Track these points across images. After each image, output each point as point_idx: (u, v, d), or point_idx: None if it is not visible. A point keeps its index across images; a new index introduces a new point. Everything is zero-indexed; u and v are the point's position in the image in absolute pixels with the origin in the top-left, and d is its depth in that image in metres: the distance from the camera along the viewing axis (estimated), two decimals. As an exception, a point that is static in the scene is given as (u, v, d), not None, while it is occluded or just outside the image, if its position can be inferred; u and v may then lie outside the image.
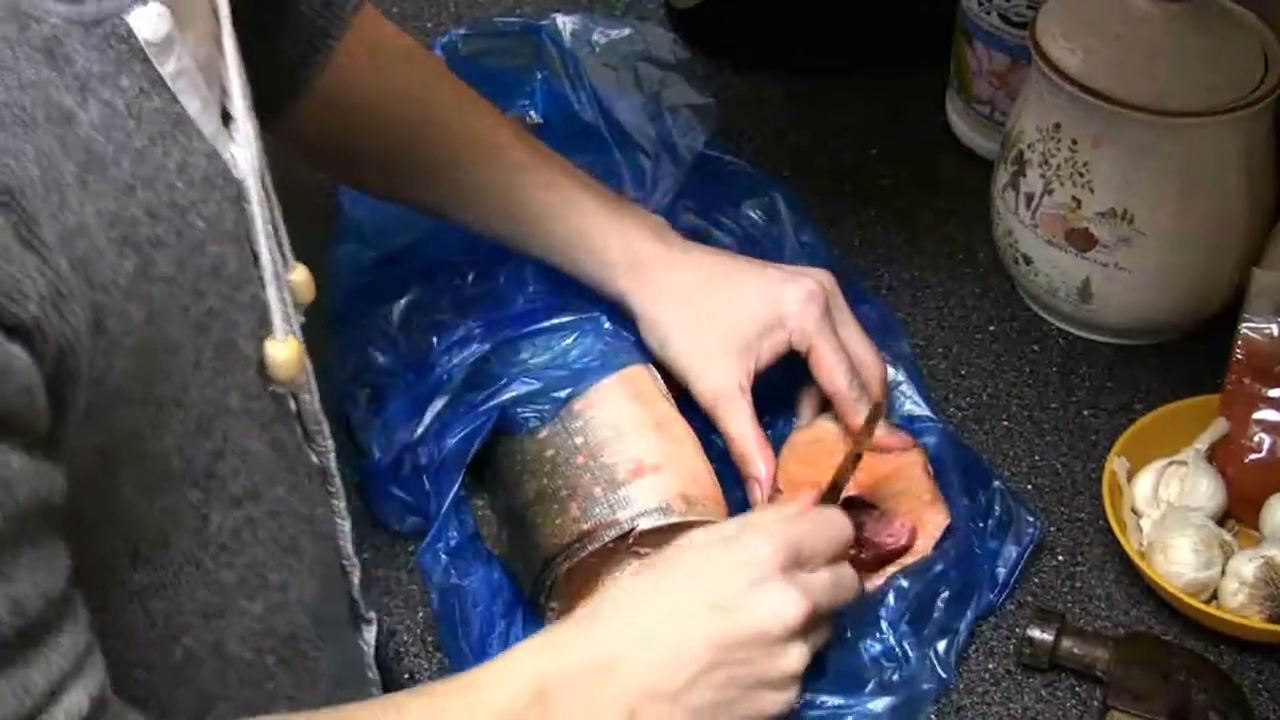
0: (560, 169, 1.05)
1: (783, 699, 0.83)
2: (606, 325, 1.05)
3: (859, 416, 0.99)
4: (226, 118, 0.72)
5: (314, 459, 0.82)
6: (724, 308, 1.01)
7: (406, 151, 1.04)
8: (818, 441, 1.03)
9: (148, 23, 0.65)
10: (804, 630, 0.83)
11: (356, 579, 0.89)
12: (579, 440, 0.99)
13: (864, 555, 0.96)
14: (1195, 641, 0.98)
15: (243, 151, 0.71)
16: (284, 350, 0.74)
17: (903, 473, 1.02)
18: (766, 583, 0.82)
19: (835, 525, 0.88)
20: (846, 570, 0.88)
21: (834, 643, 0.90)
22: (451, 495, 0.99)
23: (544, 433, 1.00)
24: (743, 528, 0.86)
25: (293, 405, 0.79)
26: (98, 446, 0.65)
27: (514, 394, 1.01)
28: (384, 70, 1.04)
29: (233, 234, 0.70)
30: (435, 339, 1.07)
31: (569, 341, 1.04)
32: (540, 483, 0.98)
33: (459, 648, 0.95)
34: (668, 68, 1.26)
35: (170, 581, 0.72)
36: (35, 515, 0.60)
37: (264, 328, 0.73)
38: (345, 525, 0.86)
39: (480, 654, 0.94)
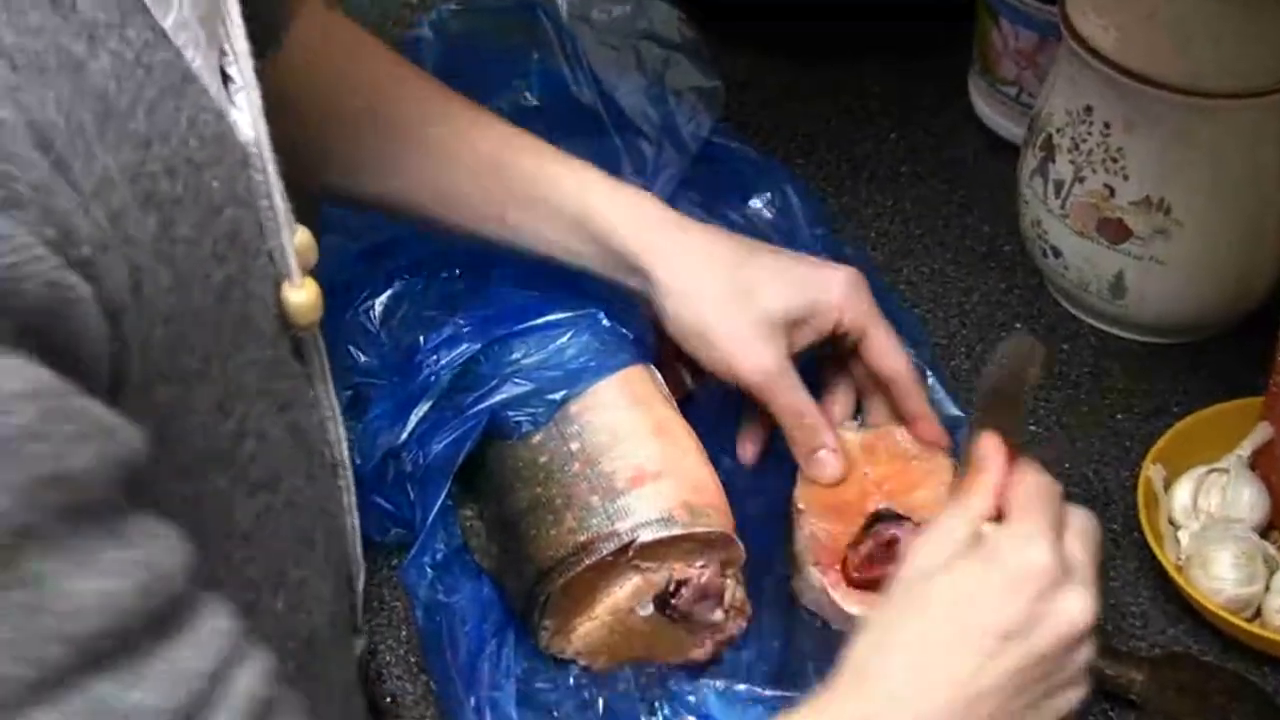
0: (548, 147, 1.04)
1: (1080, 693, 0.82)
2: (604, 322, 1.05)
3: (919, 402, 1.00)
4: (224, 80, 0.73)
5: (326, 450, 0.82)
6: (759, 286, 1.00)
7: (370, 145, 1.04)
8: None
9: None
10: (1093, 612, 0.81)
11: (361, 582, 0.89)
12: (575, 446, 0.99)
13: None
14: (1236, 662, 0.98)
15: (244, 115, 0.72)
16: (302, 293, 0.75)
17: (932, 480, 1.01)
18: (1055, 591, 0.79)
19: (1045, 478, 0.85)
20: (1082, 516, 0.85)
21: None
22: (438, 505, 0.99)
23: (537, 438, 1.00)
24: (996, 539, 0.81)
25: (309, 391, 0.79)
26: (143, 429, 0.65)
27: (505, 396, 1.01)
28: (335, 60, 1.04)
29: (244, 199, 0.71)
30: (421, 337, 1.07)
31: (564, 340, 1.04)
32: (533, 491, 0.98)
33: (445, 669, 0.95)
34: (672, 48, 1.27)
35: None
36: (137, 478, 0.60)
37: (278, 283, 0.75)
38: (354, 521, 0.87)
39: (468, 676, 0.93)
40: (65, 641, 0.56)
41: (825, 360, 1.05)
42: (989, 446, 0.86)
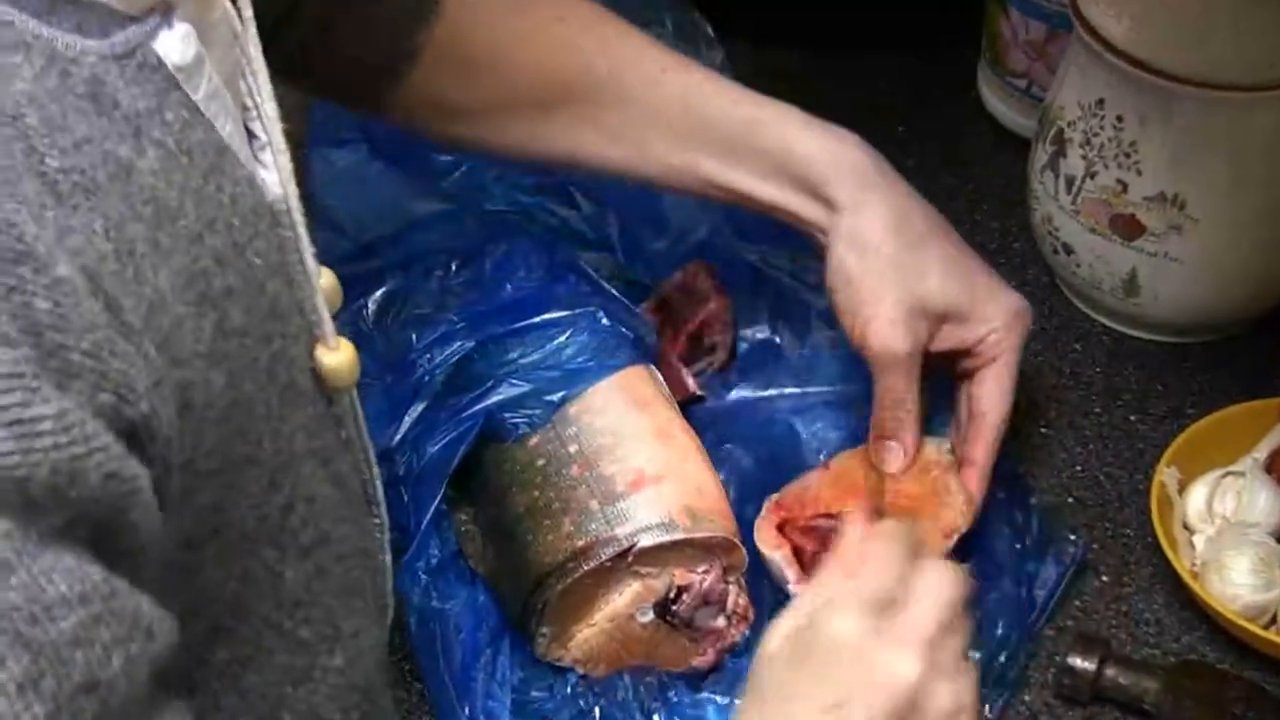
0: (735, 85, 1.04)
1: None
2: (604, 321, 1.05)
3: (985, 452, 1.00)
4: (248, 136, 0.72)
5: (363, 490, 0.82)
6: (932, 267, 1.00)
7: (557, 95, 1.03)
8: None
9: (175, 46, 0.64)
10: (935, 664, 0.78)
11: (389, 617, 0.88)
12: (573, 448, 0.99)
13: None
14: (1253, 671, 0.98)
15: (271, 173, 0.70)
16: (338, 355, 0.73)
17: (924, 475, 1.01)
18: (874, 654, 0.77)
19: (887, 539, 0.83)
20: (934, 575, 0.82)
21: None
22: (432, 509, 0.99)
23: (535, 440, 1.00)
24: (811, 615, 0.80)
25: (345, 432, 0.78)
26: (183, 536, 0.64)
27: (501, 397, 1.01)
28: (507, 13, 1.04)
29: (276, 264, 0.70)
30: (414, 335, 1.07)
31: (562, 339, 1.04)
32: (530, 495, 0.98)
33: (439, 677, 0.95)
34: (672, 37, 1.25)
35: (252, 653, 0.71)
36: (167, 671, 0.59)
37: (311, 339, 0.73)
38: (386, 560, 0.85)
39: (463, 684, 0.93)
40: None
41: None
42: (849, 520, 0.85)
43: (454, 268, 1.11)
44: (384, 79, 1.02)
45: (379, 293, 1.10)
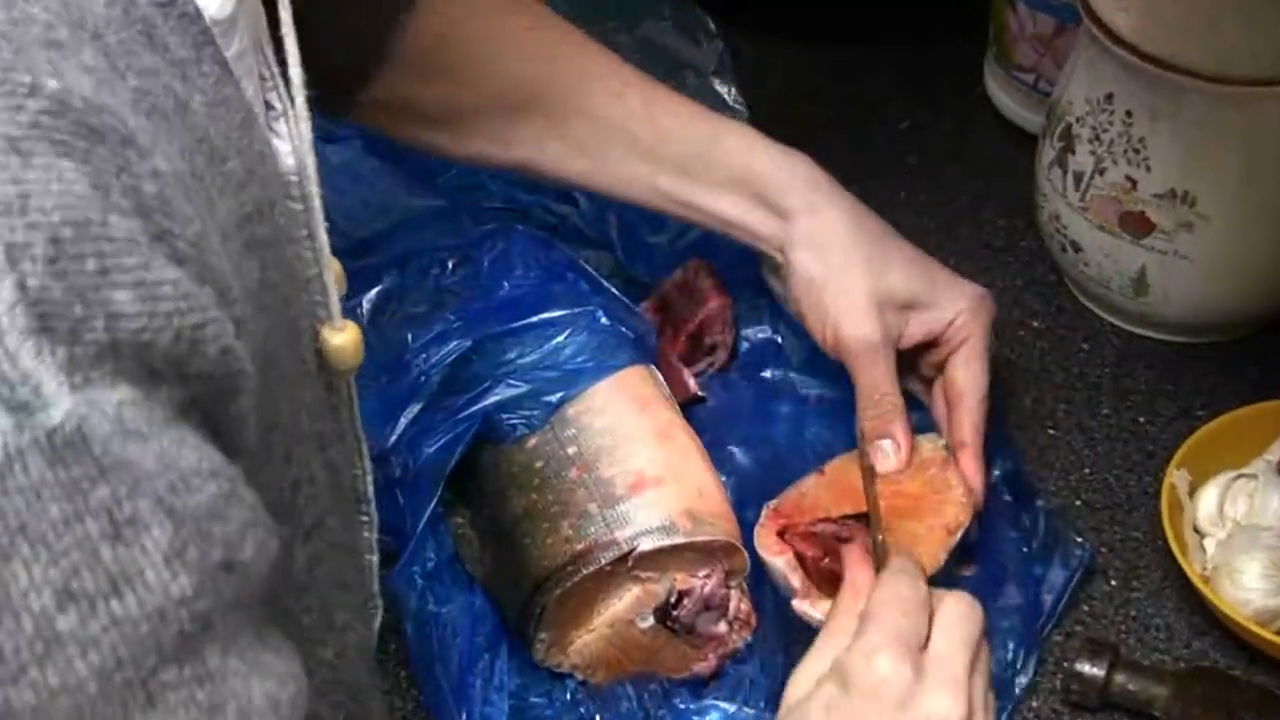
0: (693, 103, 1.07)
1: None
2: (603, 320, 1.05)
3: (973, 431, 1.01)
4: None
5: (354, 485, 0.82)
6: (891, 264, 1.03)
7: (522, 103, 1.06)
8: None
9: (213, 0, 0.65)
10: (971, 701, 0.80)
11: (378, 622, 0.89)
12: (572, 450, 0.99)
13: None
14: (1265, 677, 0.98)
15: (284, 144, 0.71)
16: (344, 335, 0.74)
17: (922, 473, 1.01)
18: (915, 696, 0.79)
19: (906, 576, 0.85)
20: (955, 610, 0.84)
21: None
22: (428, 512, 0.99)
23: (533, 442, 1.00)
24: (842, 661, 0.81)
25: (340, 423, 0.79)
26: None
27: (499, 398, 1.01)
28: (480, 19, 1.06)
29: (291, 234, 0.70)
30: (410, 335, 1.07)
31: (561, 338, 1.04)
32: (528, 498, 0.98)
33: (435, 684, 0.95)
34: (672, 31, 1.25)
35: None
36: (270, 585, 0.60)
37: (316, 319, 0.74)
38: (373, 560, 0.86)
39: (460, 691, 0.93)
40: None
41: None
42: (852, 559, 0.88)
43: (450, 266, 1.11)
44: (352, 79, 1.02)
45: (374, 291, 1.10)
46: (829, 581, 0.94)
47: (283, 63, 0.71)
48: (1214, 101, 1.06)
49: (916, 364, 1.06)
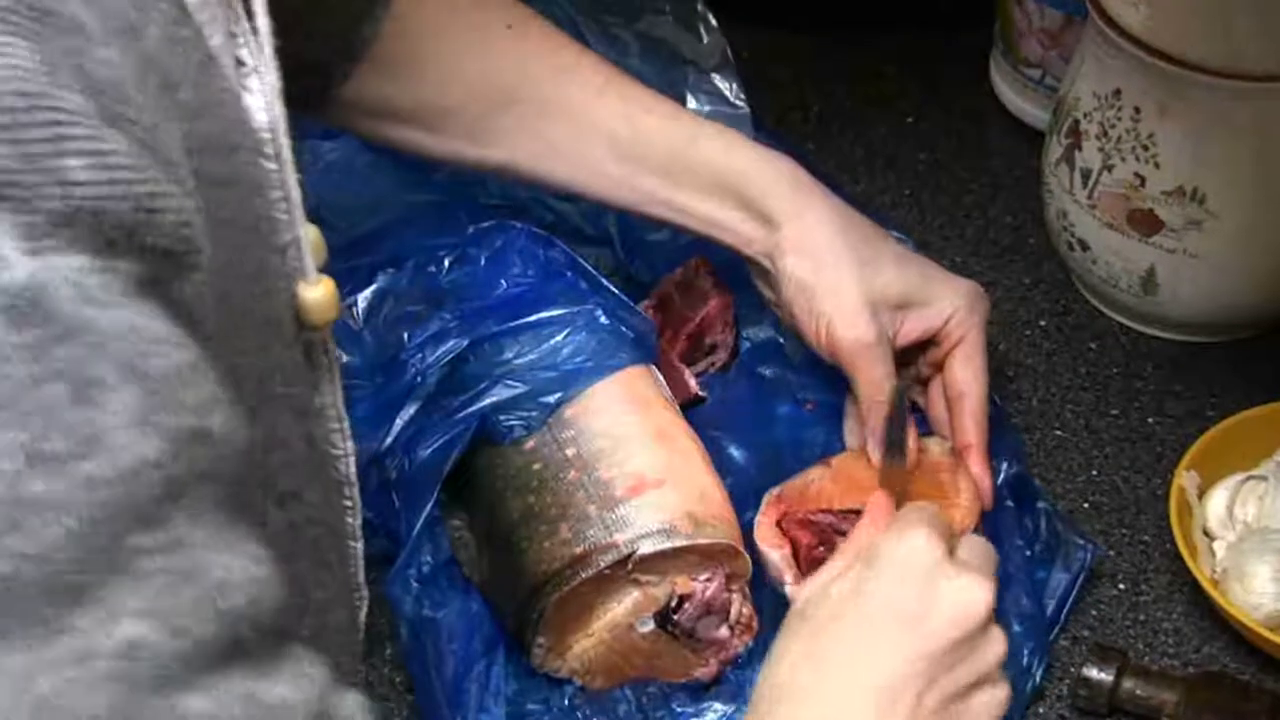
0: (673, 103, 1.07)
1: (1002, 694, 0.82)
2: (603, 320, 1.05)
3: (977, 430, 1.01)
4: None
5: (335, 465, 0.83)
6: (882, 263, 1.02)
7: (499, 102, 1.06)
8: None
9: None
10: (994, 613, 0.82)
11: (363, 613, 0.89)
12: (570, 452, 0.99)
13: None
14: (1276, 682, 0.98)
15: (257, 99, 0.71)
16: (319, 289, 0.74)
17: (931, 475, 1.01)
18: (942, 577, 0.81)
19: (931, 510, 0.87)
20: (978, 539, 0.88)
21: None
22: (424, 515, 0.99)
23: (530, 443, 1.00)
24: (871, 552, 0.83)
25: (319, 397, 0.80)
26: None
27: (496, 399, 1.01)
28: (455, 16, 1.06)
29: (260, 189, 0.71)
30: (405, 334, 1.06)
31: (559, 338, 1.04)
32: (526, 501, 0.98)
33: (430, 690, 0.94)
34: (671, 23, 1.25)
35: None
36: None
37: (292, 280, 0.74)
38: (359, 548, 0.86)
39: (455, 697, 0.93)
40: (216, 619, 0.55)
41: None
42: (875, 500, 0.89)
43: (447, 264, 1.10)
44: (326, 77, 1.02)
45: (369, 290, 1.10)
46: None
47: (251, 16, 0.71)
48: (1224, 96, 1.06)
49: (910, 366, 1.06)
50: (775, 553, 0.97)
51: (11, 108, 0.52)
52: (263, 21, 0.71)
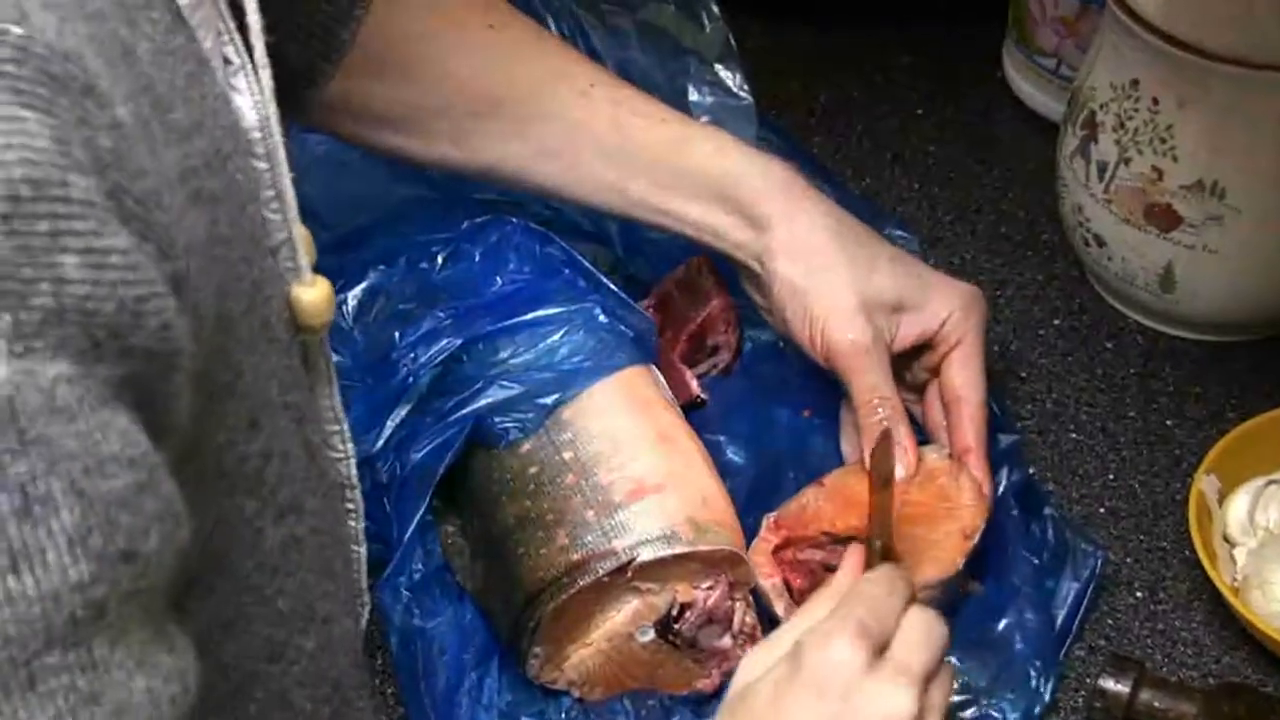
0: (661, 104, 1.08)
1: None
2: (601, 318, 1.05)
3: (976, 435, 1.01)
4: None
5: (335, 469, 0.83)
6: (876, 265, 1.03)
7: (485, 104, 1.06)
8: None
9: None
10: (926, 706, 0.82)
11: (365, 618, 0.90)
12: (568, 455, 0.99)
13: None
14: (1299, 694, 0.98)
15: (245, 99, 0.72)
16: (314, 290, 0.76)
17: (930, 483, 1.00)
18: (863, 685, 0.81)
19: (888, 582, 0.87)
20: (922, 619, 0.86)
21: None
22: (416, 520, 0.99)
23: (526, 446, 1.00)
24: (799, 641, 0.83)
25: (319, 399, 0.81)
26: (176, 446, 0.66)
27: (491, 400, 1.01)
28: (438, 16, 1.06)
29: (254, 193, 0.72)
30: (397, 333, 1.07)
31: (556, 337, 1.04)
32: (522, 505, 0.98)
33: (420, 702, 0.95)
34: (673, 14, 1.26)
35: (233, 618, 0.73)
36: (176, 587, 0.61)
37: (287, 283, 0.76)
38: (362, 552, 0.87)
39: (446, 710, 0.93)
40: None
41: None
42: (845, 562, 0.90)
43: (440, 260, 1.11)
44: (306, 80, 1.03)
45: (359, 287, 1.10)
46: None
47: (238, 13, 0.72)
48: (1245, 87, 1.06)
49: (905, 372, 1.05)
50: (767, 582, 0.97)
51: (17, 196, 0.52)
52: (253, 19, 0.72)
